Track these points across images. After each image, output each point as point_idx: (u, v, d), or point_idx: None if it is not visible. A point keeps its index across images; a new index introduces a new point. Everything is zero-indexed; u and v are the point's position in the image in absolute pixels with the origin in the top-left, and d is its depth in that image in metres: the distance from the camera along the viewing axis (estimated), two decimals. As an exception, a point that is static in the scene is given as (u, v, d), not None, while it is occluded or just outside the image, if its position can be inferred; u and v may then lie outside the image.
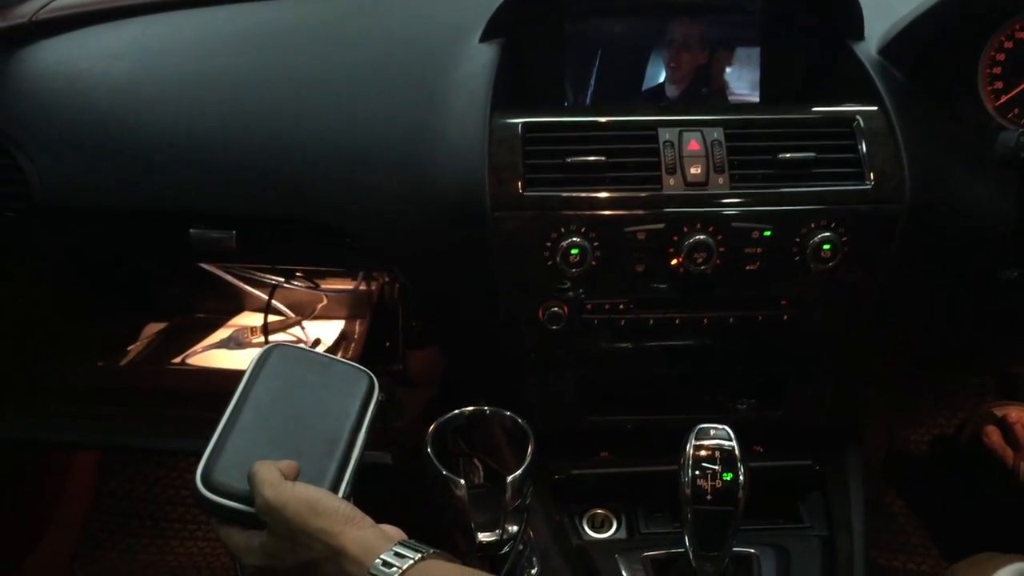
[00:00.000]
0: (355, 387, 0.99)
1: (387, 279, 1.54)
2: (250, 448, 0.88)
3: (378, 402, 1.00)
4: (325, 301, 1.60)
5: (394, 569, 0.75)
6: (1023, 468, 1.64)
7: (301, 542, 0.79)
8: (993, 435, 1.73)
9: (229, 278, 1.50)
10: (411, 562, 0.76)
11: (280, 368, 0.98)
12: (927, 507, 1.79)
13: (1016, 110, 1.20)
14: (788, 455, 1.25)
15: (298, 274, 1.53)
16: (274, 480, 0.82)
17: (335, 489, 0.88)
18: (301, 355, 1.03)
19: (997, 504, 1.69)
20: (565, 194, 1.07)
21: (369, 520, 0.82)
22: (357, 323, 1.62)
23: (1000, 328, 1.33)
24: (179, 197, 1.17)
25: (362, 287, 1.58)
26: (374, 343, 1.55)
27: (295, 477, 0.85)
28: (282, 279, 1.50)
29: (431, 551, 0.79)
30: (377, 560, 0.76)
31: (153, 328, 1.63)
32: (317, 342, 1.59)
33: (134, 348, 1.58)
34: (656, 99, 1.29)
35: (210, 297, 1.62)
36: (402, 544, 0.79)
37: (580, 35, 1.27)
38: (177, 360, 1.53)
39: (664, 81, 1.29)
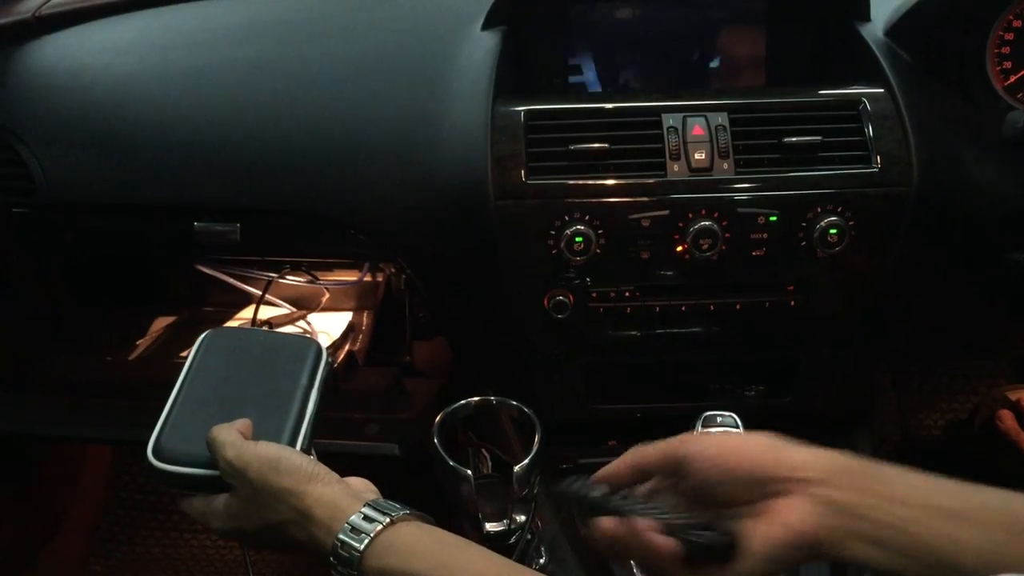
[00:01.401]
0: (302, 354, 0.98)
1: (393, 270, 1.53)
2: (200, 417, 0.86)
3: (327, 365, 0.98)
4: (327, 295, 1.60)
5: (363, 536, 0.71)
6: (1037, 452, 1.63)
7: (266, 503, 0.76)
8: (1007, 419, 1.72)
9: (225, 278, 1.49)
10: (380, 526, 0.72)
11: (221, 347, 0.97)
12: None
13: (1026, 90, 1.19)
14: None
15: (300, 268, 1.53)
16: (234, 441, 0.80)
17: (292, 444, 0.87)
18: (242, 333, 1.05)
19: (1014, 488, 1.68)
20: (568, 181, 1.06)
21: (335, 476, 0.79)
22: (365, 315, 1.62)
23: (1011, 311, 1.32)
24: (182, 191, 1.17)
25: (367, 278, 1.58)
26: (382, 334, 1.55)
27: (251, 436, 0.83)
28: (275, 275, 1.50)
29: (402, 511, 0.74)
30: (346, 525, 0.72)
31: (162, 322, 1.63)
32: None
33: (143, 342, 1.58)
34: (662, 83, 1.28)
35: (218, 290, 1.62)
36: (371, 505, 0.74)
37: (585, 21, 1.26)
38: (184, 354, 1.53)
39: (671, 65, 1.28)
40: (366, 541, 0.71)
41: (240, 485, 0.78)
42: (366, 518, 0.73)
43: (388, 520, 0.72)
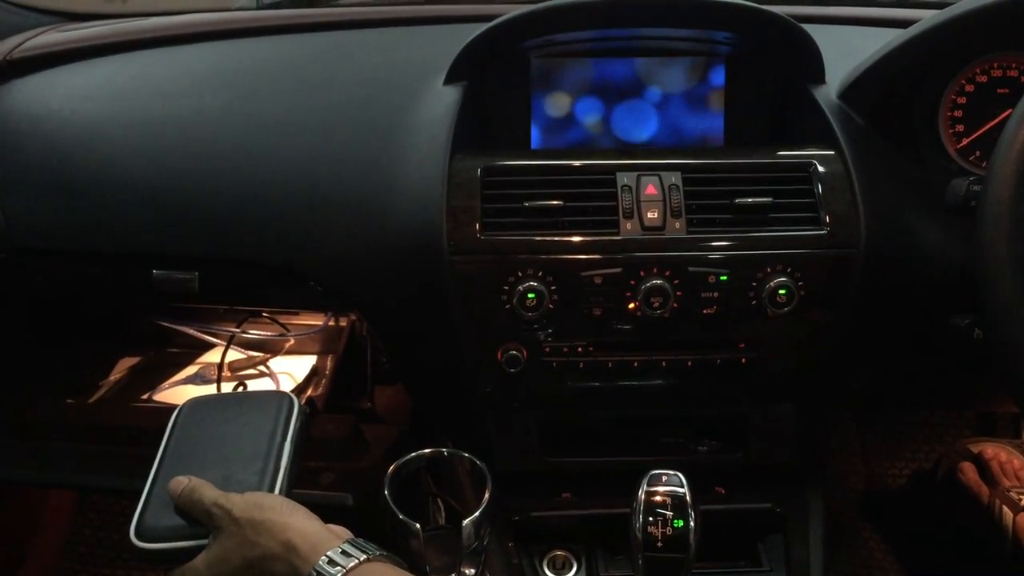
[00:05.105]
0: (275, 407, 1.01)
1: (355, 316, 1.54)
2: None
3: (300, 414, 1.02)
4: (292, 341, 1.60)
5: (338, 568, 0.76)
6: (998, 505, 1.64)
7: (249, 538, 0.80)
8: (968, 472, 1.73)
9: (185, 329, 1.51)
10: (356, 562, 0.77)
11: (195, 417, 1.01)
12: (904, 542, 1.79)
13: (977, 152, 1.20)
14: (749, 497, 1.24)
15: (264, 313, 1.54)
16: (212, 489, 0.86)
17: (271, 490, 0.91)
18: (215, 400, 1.09)
19: (973, 540, 1.69)
20: (522, 237, 1.07)
21: (314, 515, 0.84)
22: (328, 359, 1.62)
23: (959, 371, 1.33)
24: (140, 239, 1.18)
25: (331, 323, 1.58)
26: (344, 379, 1.55)
27: None
28: (237, 329, 1.51)
29: (378, 552, 0.80)
30: (323, 558, 0.77)
31: (126, 363, 1.62)
32: (241, 384, 1.60)
33: (105, 383, 1.58)
34: (621, 142, 1.30)
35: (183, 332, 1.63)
36: (350, 542, 0.80)
37: (547, 77, 1.28)
38: (145, 396, 1.53)
39: (631, 123, 1.30)
40: (341, 573, 0.76)
41: (225, 524, 0.82)
42: (344, 553, 0.78)
43: (365, 557, 0.78)
